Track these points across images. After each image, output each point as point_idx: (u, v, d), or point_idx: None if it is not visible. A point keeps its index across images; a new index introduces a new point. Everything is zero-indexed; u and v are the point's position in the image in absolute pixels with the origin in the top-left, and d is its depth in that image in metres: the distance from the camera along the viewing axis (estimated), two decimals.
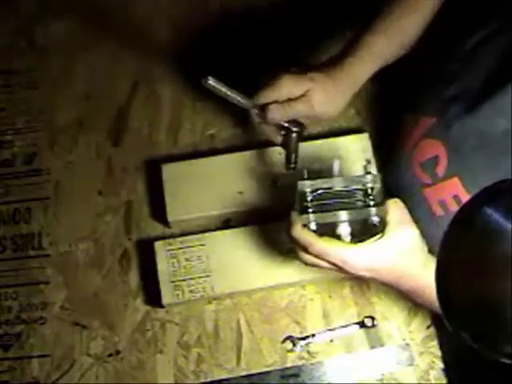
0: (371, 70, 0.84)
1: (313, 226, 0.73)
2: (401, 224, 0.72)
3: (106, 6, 1.08)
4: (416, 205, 0.82)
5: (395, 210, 0.73)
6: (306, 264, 0.75)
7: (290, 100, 0.82)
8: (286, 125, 0.85)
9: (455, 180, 0.77)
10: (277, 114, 0.82)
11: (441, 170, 0.79)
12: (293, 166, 0.86)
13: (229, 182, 0.91)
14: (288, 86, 0.81)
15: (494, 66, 0.75)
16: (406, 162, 0.84)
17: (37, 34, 1.06)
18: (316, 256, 0.73)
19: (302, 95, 0.82)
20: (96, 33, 1.06)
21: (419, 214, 0.82)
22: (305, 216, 0.74)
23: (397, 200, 0.74)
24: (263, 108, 0.82)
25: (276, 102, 0.82)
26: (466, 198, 0.76)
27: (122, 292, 0.90)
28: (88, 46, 1.05)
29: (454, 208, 0.77)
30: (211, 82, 0.82)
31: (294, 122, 0.85)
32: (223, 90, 0.83)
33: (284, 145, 0.87)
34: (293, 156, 0.86)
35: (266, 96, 0.82)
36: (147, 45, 1.05)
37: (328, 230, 0.74)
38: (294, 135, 0.86)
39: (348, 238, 0.74)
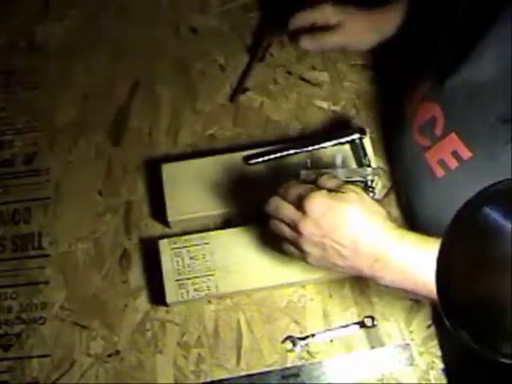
0: (401, 21, 0.89)
1: None
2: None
3: (105, 5, 1.08)
4: (419, 171, 0.83)
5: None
6: (271, 233, 0.77)
7: (324, 31, 0.87)
8: (349, 138, 0.90)
9: (452, 136, 0.77)
10: (310, 44, 0.87)
11: (438, 129, 0.79)
12: (369, 166, 0.89)
13: (229, 182, 0.91)
14: (325, 13, 0.87)
15: (475, 20, 0.76)
16: (406, 129, 0.85)
17: (37, 34, 1.06)
18: (273, 214, 0.75)
19: (337, 25, 0.87)
20: (96, 33, 1.06)
21: (422, 181, 0.83)
22: None
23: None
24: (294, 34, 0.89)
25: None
26: (464, 151, 0.76)
27: (121, 292, 0.90)
28: (88, 46, 1.05)
29: (454, 165, 0.77)
30: (254, 161, 0.90)
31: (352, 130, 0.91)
32: (268, 158, 0.90)
33: (353, 153, 0.91)
34: (364, 160, 0.90)
35: (303, 17, 0.88)
36: (147, 45, 1.05)
37: None
38: (358, 141, 0.90)
39: None
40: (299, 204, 0.72)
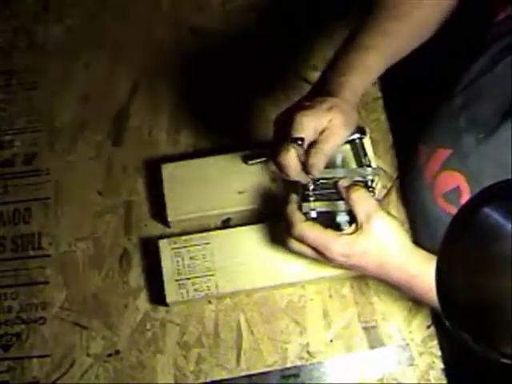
0: (367, 83, 0.80)
1: (313, 213, 0.76)
2: (373, 213, 0.73)
3: (105, 5, 1.08)
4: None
5: (362, 200, 0.74)
6: (292, 250, 0.77)
7: (317, 140, 0.74)
8: (349, 138, 0.85)
9: None
10: (319, 162, 0.74)
11: (465, 199, 0.78)
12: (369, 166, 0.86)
13: (229, 182, 0.91)
14: (311, 126, 0.73)
15: (499, 93, 0.74)
16: (429, 194, 0.84)
17: (37, 34, 1.06)
18: (298, 239, 0.75)
19: (325, 128, 0.74)
20: (96, 33, 1.06)
21: None
22: (306, 204, 0.76)
23: (359, 188, 0.75)
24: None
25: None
26: None
27: (121, 292, 0.90)
28: (88, 46, 1.05)
29: None
30: (254, 161, 0.90)
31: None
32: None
33: (354, 154, 0.88)
34: (364, 160, 0.87)
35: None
36: (147, 45, 1.05)
37: (328, 219, 0.75)
38: (358, 141, 0.87)
39: (346, 227, 0.76)
40: (322, 254, 0.74)
